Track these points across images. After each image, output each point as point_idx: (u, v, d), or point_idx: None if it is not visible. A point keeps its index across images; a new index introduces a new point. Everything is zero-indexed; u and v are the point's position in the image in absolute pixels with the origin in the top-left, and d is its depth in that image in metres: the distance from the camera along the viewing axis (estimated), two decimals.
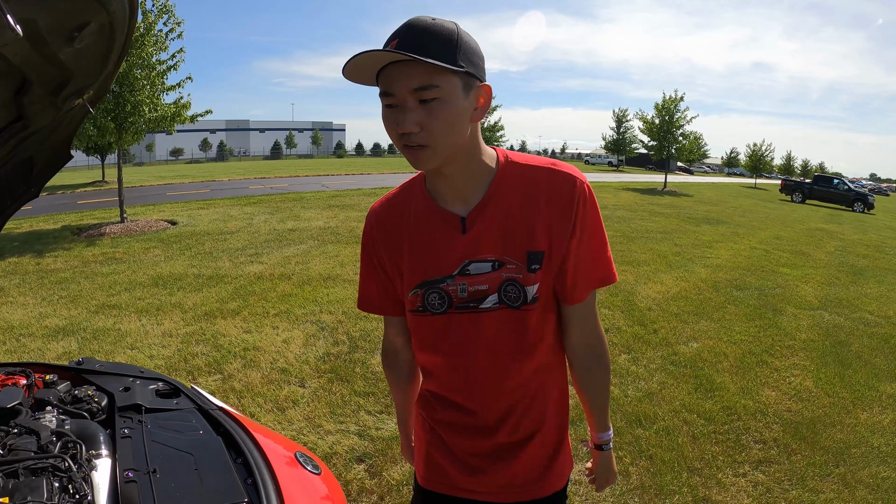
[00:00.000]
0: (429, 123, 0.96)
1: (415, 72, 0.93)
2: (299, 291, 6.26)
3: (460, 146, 1.03)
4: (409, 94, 0.95)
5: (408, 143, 0.99)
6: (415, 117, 0.96)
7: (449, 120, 0.97)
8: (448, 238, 1.10)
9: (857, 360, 4.96)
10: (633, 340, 5.08)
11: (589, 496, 2.83)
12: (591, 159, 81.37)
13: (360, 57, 0.92)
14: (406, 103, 0.96)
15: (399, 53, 0.91)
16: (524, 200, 1.08)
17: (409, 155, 1.01)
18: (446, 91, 0.95)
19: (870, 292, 7.70)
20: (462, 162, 1.06)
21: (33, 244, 9.24)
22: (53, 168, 1.65)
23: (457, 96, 0.97)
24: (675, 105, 25.19)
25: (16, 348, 4.57)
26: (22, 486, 1.05)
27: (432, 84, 0.94)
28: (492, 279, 1.08)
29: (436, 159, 1.00)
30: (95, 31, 1.09)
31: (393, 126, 0.99)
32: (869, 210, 25.62)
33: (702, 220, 14.74)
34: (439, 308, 1.12)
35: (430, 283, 1.11)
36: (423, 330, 1.17)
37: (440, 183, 1.10)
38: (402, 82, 0.94)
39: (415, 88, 0.94)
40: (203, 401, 1.59)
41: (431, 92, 0.94)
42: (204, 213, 12.79)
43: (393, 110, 0.98)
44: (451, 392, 1.20)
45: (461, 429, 1.20)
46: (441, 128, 0.97)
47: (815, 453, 3.31)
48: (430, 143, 0.98)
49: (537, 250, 1.07)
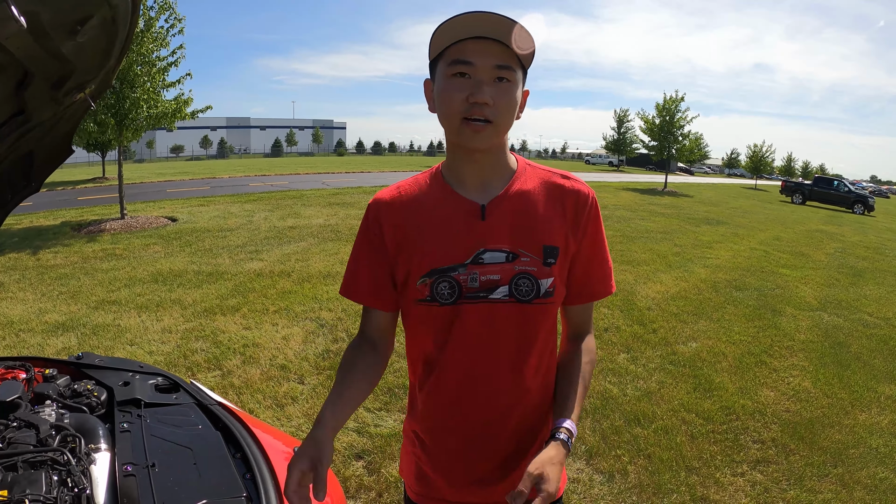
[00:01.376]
0: (500, 101, 1.02)
1: (500, 51, 1.00)
2: (299, 289, 6.26)
3: (505, 135, 1.10)
4: (490, 69, 1.01)
5: (474, 115, 1.01)
6: (491, 91, 1.01)
7: (513, 103, 1.04)
8: (465, 224, 1.10)
9: (855, 361, 4.96)
10: (632, 340, 5.08)
11: (587, 495, 2.83)
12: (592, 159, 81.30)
13: (479, 14, 0.97)
14: (484, 76, 1.01)
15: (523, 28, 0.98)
16: (541, 199, 1.12)
17: (469, 129, 1.03)
18: (515, 78, 1.03)
19: (869, 294, 7.70)
20: (495, 152, 1.11)
21: (33, 240, 9.24)
22: (54, 163, 1.65)
23: (519, 86, 1.05)
24: (676, 105, 25.19)
25: (15, 343, 4.58)
26: (21, 479, 1.05)
27: (511, 66, 1.02)
28: (504, 270, 1.08)
29: (495, 137, 1.06)
30: (98, 26, 1.09)
31: (463, 95, 1.01)
32: (869, 212, 25.61)
33: (702, 221, 14.75)
34: (448, 298, 1.09)
35: (441, 271, 1.09)
36: (426, 322, 1.14)
37: (468, 169, 1.12)
38: (487, 56, 1.00)
39: (497, 65, 1.01)
40: (202, 396, 1.59)
41: (508, 73, 1.02)
42: (204, 210, 12.79)
43: (465, 80, 1.02)
44: (450, 390, 1.17)
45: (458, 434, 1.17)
46: (508, 107, 1.03)
47: (813, 453, 3.31)
48: (496, 119, 1.02)
49: (553, 245, 1.10)
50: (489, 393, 1.14)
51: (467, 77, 1.01)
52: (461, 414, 1.16)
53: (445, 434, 1.19)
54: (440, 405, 1.18)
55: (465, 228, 1.10)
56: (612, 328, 5.35)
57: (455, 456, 1.19)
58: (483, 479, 1.18)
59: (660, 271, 7.98)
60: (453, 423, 1.17)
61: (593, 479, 2.95)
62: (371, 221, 1.16)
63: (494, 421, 1.15)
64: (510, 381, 1.13)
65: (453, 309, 1.10)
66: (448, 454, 1.20)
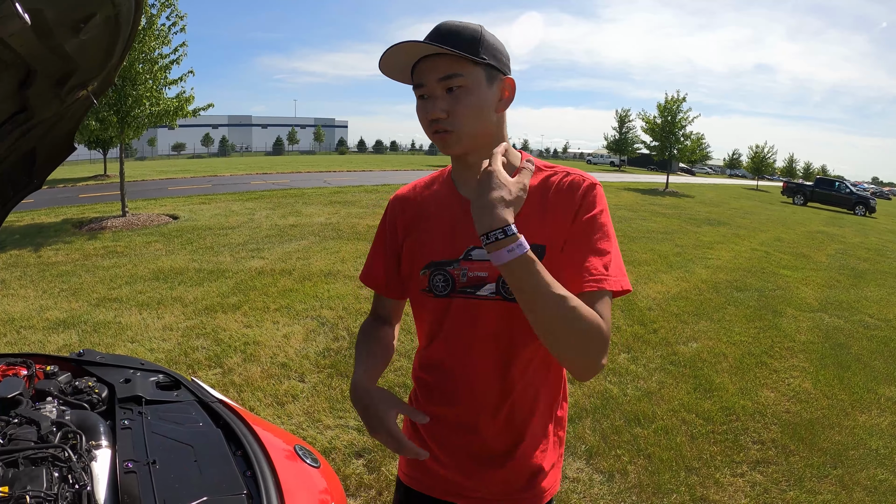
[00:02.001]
0: (454, 109, 1.06)
1: (441, 63, 1.04)
2: (300, 287, 6.27)
3: (485, 134, 1.11)
4: (436, 84, 1.06)
5: (437, 128, 1.08)
6: (442, 104, 1.06)
7: (472, 106, 1.06)
8: (461, 223, 1.15)
9: (856, 362, 4.96)
10: (632, 340, 5.08)
11: (587, 494, 2.84)
12: (593, 159, 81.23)
13: (392, 49, 1.03)
14: (435, 92, 1.06)
15: (427, 44, 1.02)
16: (537, 198, 1.11)
17: (437, 140, 1.10)
18: (470, 80, 1.05)
19: (870, 295, 7.70)
20: (486, 152, 1.11)
21: (34, 237, 9.25)
22: (56, 160, 1.65)
23: (480, 86, 1.06)
24: (678, 105, 25.15)
25: (16, 340, 4.58)
26: (22, 476, 1.05)
27: (456, 73, 1.04)
28: (492, 268, 1.10)
29: (460, 143, 1.09)
30: (101, 23, 1.09)
31: (424, 114, 1.09)
32: (870, 213, 25.58)
33: (703, 221, 14.74)
34: (442, 290, 1.15)
35: (438, 264, 1.16)
36: (424, 311, 1.21)
37: (465, 171, 1.17)
38: (431, 73, 1.05)
39: (440, 78, 1.05)
40: (203, 393, 1.59)
41: (456, 80, 1.05)
42: (205, 208, 12.79)
43: (424, 101, 1.09)
44: (440, 381, 1.21)
45: (450, 424, 1.20)
46: (465, 113, 1.06)
47: (813, 455, 3.31)
48: (455, 127, 1.07)
49: (539, 244, 1.07)
50: (476, 387, 1.16)
51: (425, 97, 1.08)
52: (449, 405, 1.19)
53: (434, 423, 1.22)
54: (431, 394, 1.24)
55: (458, 225, 1.15)
56: (613, 328, 5.31)
57: (441, 444, 1.22)
58: (467, 471, 1.20)
59: (661, 271, 7.98)
60: (441, 413, 1.20)
61: (593, 479, 2.95)
62: (388, 215, 1.29)
63: (482, 414, 1.16)
64: (497, 377, 1.14)
65: (447, 301, 1.15)
66: (435, 442, 1.23)
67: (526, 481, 1.19)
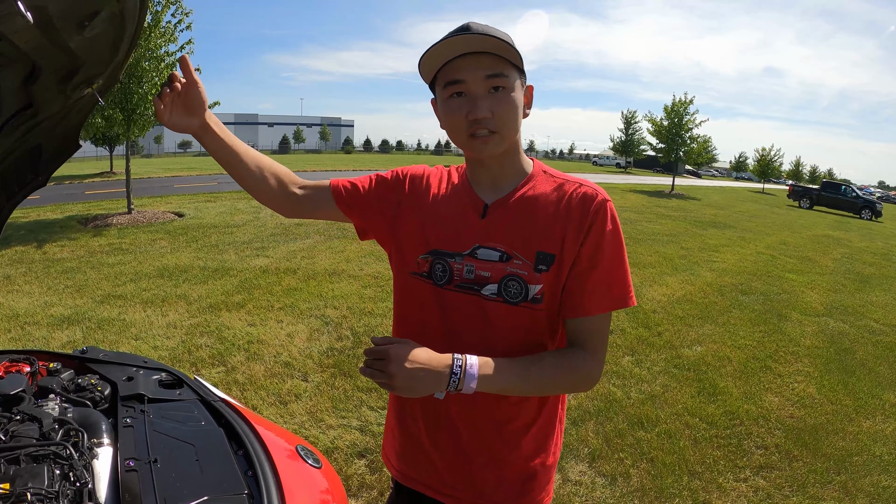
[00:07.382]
0: (498, 110, 1.03)
1: (487, 61, 1.02)
2: (304, 286, 6.27)
3: (514, 139, 1.11)
4: (482, 81, 1.02)
5: (478, 129, 1.04)
6: (487, 104, 1.03)
7: (514, 108, 1.05)
8: (468, 219, 1.15)
9: (861, 367, 4.93)
10: (636, 343, 5.06)
11: (589, 498, 2.82)
12: (600, 160, 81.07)
13: (449, 40, 1.00)
14: (478, 91, 1.03)
15: (496, 39, 0.98)
16: (548, 205, 1.11)
17: (477, 143, 1.06)
18: (510, 82, 1.04)
19: (875, 300, 7.65)
20: (505, 155, 1.12)
21: (40, 233, 9.29)
22: (61, 157, 1.65)
23: (517, 89, 1.06)
24: (685, 108, 25.07)
25: (20, 336, 4.60)
26: (23, 473, 1.05)
27: (503, 73, 1.03)
28: (496, 269, 1.10)
29: (503, 144, 1.08)
30: (106, 20, 1.09)
31: (462, 114, 1.04)
32: (877, 218, 25.44)
33: (709, 224, 14.69)
34: (440, 280, 1.15)
35: (441, 253, 1.15)
36: (413, 295, 1.19)
37: (481, 172, 1.16)
38: (475, 71, 1.02)
39: (488, 75, 1.02)
40: (205, 392, 1.59)
41: (501, 80, 1.03)
42: (211, 206, 12.83)
43: (461, 99, 1.05)
44: None
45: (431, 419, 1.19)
46: (509, 114, 1.05)
47: (816, 460, 3.29)
48: (500, 128, 1.05)
49: (548, 252, 1.08)
50: None
51: (463, 95, 1.05)
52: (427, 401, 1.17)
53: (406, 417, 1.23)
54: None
55: (467, 222, 1.15)
56: (617, 331, 5.33)
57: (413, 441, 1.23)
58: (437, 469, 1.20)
59: (666, 274, 7.95)
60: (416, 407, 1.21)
61: (595, 482, 2.94)
62: (401, 172, 1.27)
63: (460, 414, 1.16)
64: None
65: (441, 292, 1.14)
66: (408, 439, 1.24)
67: (521, 485, 1.18)
